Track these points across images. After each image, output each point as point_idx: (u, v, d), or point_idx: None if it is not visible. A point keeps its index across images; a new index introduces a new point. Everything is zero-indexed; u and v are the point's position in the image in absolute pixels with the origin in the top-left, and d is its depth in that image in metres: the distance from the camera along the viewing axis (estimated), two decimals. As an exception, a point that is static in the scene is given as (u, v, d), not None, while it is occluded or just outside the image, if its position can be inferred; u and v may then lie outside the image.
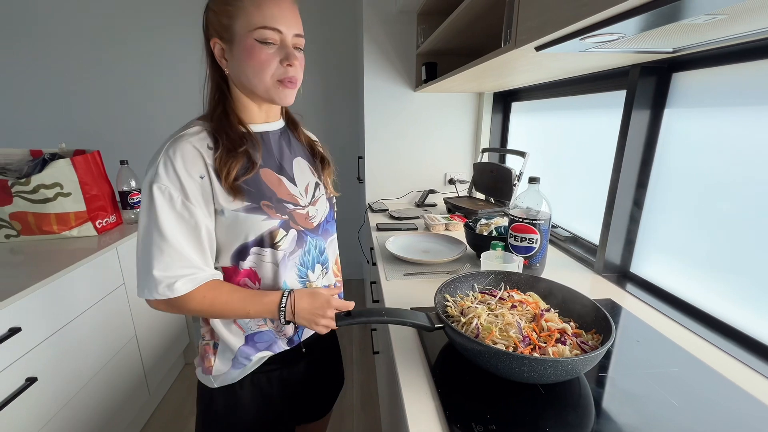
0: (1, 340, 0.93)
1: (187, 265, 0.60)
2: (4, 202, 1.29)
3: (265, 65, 0.62)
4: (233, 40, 0.62)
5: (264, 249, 0.66)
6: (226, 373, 0.70)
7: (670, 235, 0.92)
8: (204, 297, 0.62)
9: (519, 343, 0.62)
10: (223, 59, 0.65)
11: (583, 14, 0.52)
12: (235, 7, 0.60)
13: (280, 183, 0.70)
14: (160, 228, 0.58)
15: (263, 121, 0.72)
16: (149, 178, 0.59)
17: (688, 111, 0.86)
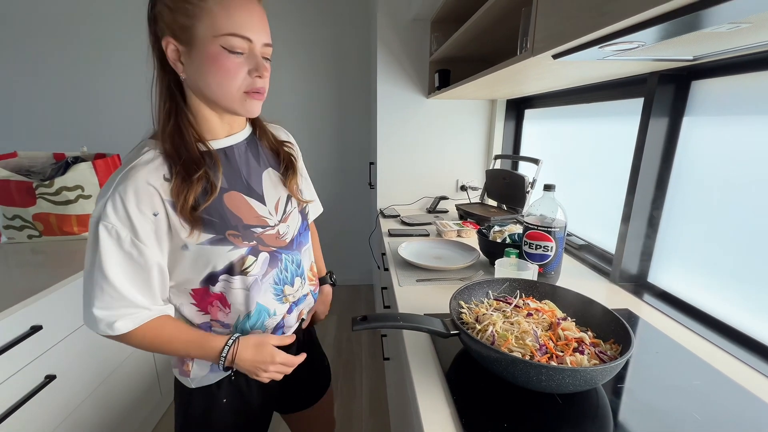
0: (23, 337, 0.95)
1: (129, 305, 0.58)
2: (28, 203, 1.33)
3: (231, 75, 0.57)
4: (193, 43, 0.56)
5: (233, 276, 0.64)
6: (202, 377, 0.70)
7: (691, 244, 0.90)
8: (144, 336, 0.61)
9: (535, 351, 0.61)
10: (178, 62, 0.58)
11: (603, 23, 0.52)
12: (198, 6, 0.54)
13: (248, 207, 0.65)
14: (102, 268, 0.55)
15: (227, 134, 0.66)
16: (96, 214, 0.56)
17: (709, 119, 0.85)
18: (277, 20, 2.47)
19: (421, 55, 1.83)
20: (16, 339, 0.94)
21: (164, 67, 0.60)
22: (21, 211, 1.33)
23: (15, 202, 1.32)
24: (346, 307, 2.64)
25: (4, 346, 0.90)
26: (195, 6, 0.54)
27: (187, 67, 0.58)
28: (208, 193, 0.60)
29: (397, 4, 1.76)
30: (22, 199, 1.32)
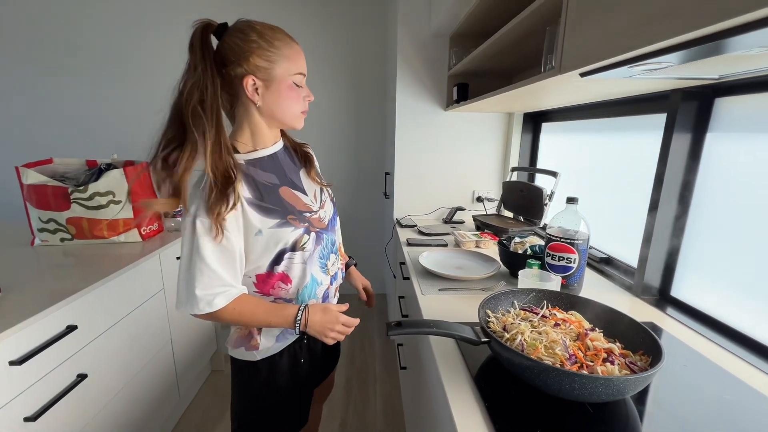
0: (59, 336, 0.99)
1: (223, 284, 0.72)
2: (63, 207, 1.38)
3: (296, 101, 0.78)
4: (271, 80, 0.74)
5: (294, 252, 0.79)
6: (269, 348, 0.84)
7: (715, 259, 0.90)
8: (234, 310, 0.74)
9: (565, 360, 0.62)
10: (255, 94, 0.74)
11: (634, 46, 0.55)
12: (275, 54, 0.73)
13: (296, 197, 0.82)
14: (201, 255, 0.69)
15: (273, 143, 0.83)
16: (192, 213, 0.69)
17: (733, 135, 0.86)
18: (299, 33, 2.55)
19: (439, 68, 1.88)
20: (53, 338, 0.97)
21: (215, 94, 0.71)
22: (56, 214, 1.39)
23: (51, 206, 1.38)
24: (358, 316, 2.63)
25: (42, 344, 0.94)
26: (273, 53, 0.73)
27: (263, 97, 0.75)
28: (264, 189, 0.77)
29: (417, 21, 1.82)
30: (58, 204, 1.38)
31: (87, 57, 2.56)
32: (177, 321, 1.60)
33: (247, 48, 0.71)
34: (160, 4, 2.49)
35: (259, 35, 0.72)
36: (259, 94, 0.74)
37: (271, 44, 0.73)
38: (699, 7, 0.44)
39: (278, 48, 0.73)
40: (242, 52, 0.71)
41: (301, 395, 0.92)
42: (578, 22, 0.69)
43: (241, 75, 0.72)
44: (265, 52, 0.72)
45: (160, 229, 1.65)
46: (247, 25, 0.74)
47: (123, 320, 1.26)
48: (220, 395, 1.86)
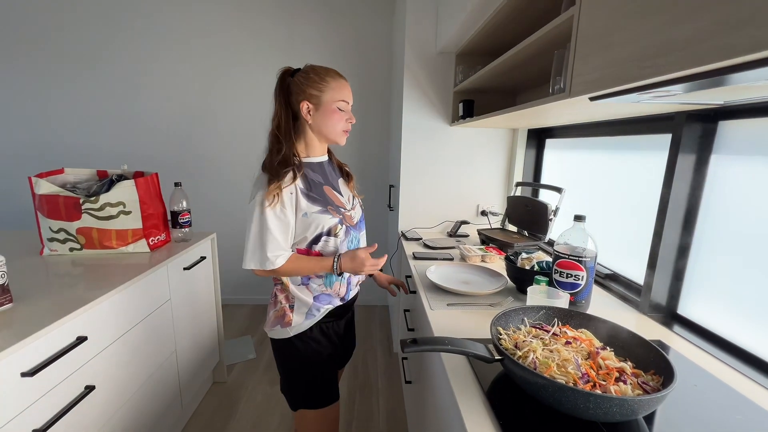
0: (69, 348, 0.99)
1: (283, 249, 0.98)
2: (74, 217, 1.40)
3: (339, 122, 1.02)
4: (320, 104, 0.99)
5: (329, 237, 1.02)
6: (300, 324, 1.04)
7: (722, 277, 0.92)
8: (290, 266, 0.99)
9: (578, 379, 0.63)
10: (308, 115, 1.00)
11: (644, 76, 0.57)
12: (325, 86, 0.98)
13: (335, 195, 1.06)
14: (269, 227, 0.95)
15: (321, 155, 1.08)
16: (259, 198, 0.94)
17: (737, 158, 0.88)
18: (307, 48, 2.60)
19: (445, 85, 1.91)
20: (64, 349, 0.98)
21: (294, 119, 1.02)
22: (66, 224, 1.40)
23: (62, 216, 1.39)
24: (361, 328, 2.64)
25: (53, 355, 0.94)
26: (323, 85, 0.98)
27: (314, 117, 1.00)
28: (312, 184, 1.02)
29: (424, 39, 1.86)
30: (69, 214, 1.39)
31: (99, 69, 2.60)
32: (182, 332, 1.60)
33: (306, 82, 0.98)
34: (174, 17, 2.55)
35: (315, 73, 0.99)
36: (311, 115, 0.99)
37: (323, 79, 0.98)
38: (703, 45, 0.46)
39: (327, 82, 0.98)
40: (302, 86, 0.98)
41: (331, 369, 1.11)
42: (588, 49, 0.72)
43: (299, 101, 0.98)
44: (317, 84, 0.98)
45: (168, 239, 1.66)
46: (310, 67, 1.01)
47: (130, 331, 1.26)
48: (221, 407, 1.84)
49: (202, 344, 1.80)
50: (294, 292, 1.04)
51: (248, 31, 2.58)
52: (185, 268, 1.62)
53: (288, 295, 1.06)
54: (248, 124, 2.69)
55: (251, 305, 2.93)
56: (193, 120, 2.69)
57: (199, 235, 1.81)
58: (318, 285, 1.05)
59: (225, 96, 2.66)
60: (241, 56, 2.61)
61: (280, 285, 1.07)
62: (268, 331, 1.09)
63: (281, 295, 1.07)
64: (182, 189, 1.69)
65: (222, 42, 2.58)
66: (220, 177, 2.77)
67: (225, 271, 2.80)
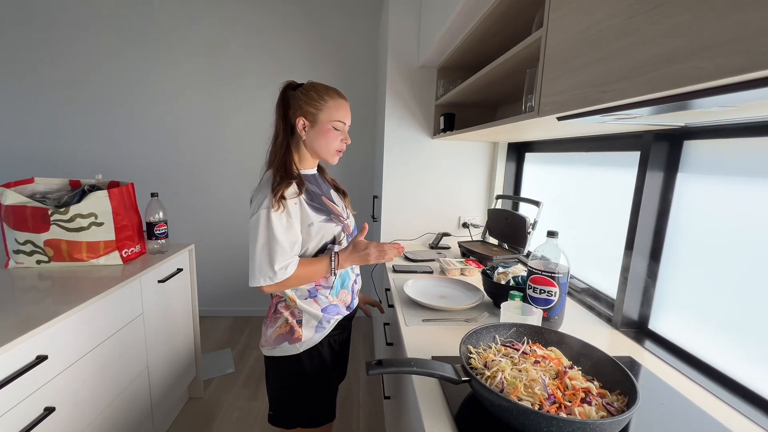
0: (27, 368, 0.95)
1: (289, 257, 0.95)
2: (42, 229, 1.35)
3: (333, 141, 1.02)
4: (316, 122, 1.00)
5: (333, 246, 1.04)
6: (311, 338, 1.02)
7: (689, 293, 0.93)
8: (297, 274, 0.96)
9: (544, 400, 0.63)
10: (303, 131, 1.01)
11: (605, 99, 0.58)
12: (322, 104, 0.99)
13: (334, 205, 1.08)
14: (276, 237, 0.92)
15: (311, 167, 1.09)
16: (266, 205, 0.92)
17: (701, 177, 0.90)
18: (290, 60, 2.61)
19: (427, 98, 1.93)
20: (21, 369, 0.93)
21: (292, 132, 1.03)
22: (33, 236, 1.36)
23: (29, 227, 1.35)
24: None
25: (9, 376, 0.90)
26: (321, 103, 0.99)
27: (308, 134, 1.01)
28: (312, 194, 1.02)
29: (406, 53, 1.88)
30: (36, 225, 1.34)
31: (74, 75, 2.55)
32: (155, 347, 1.55)
33: (305, 98, 0.99)
34: (152, 28, 2.53)
35: (315, 91, 1.00)
36: (306, 131, 1.01)
37: (321, 97, 0.99)
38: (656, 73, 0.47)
39: (326, 101, 0.99)
40: (300, 101, 0.99)
41: (334, 385, 1.12)
42: (554, 71, 0.73)
43: (296, 116, 1.00)
44: (315, 102, 0.99)
45: (143, 251, 1.62)
46: (311, 84, 1.02)
47: (97, 348, 1.21)
48: (196, 424, 1.78)
49: (177, 359, 1.74)
50: (302, 306, 1.02)
51: (231, 43, 2.57)
52: (160, 280, 1.57)
53: (294, 311, 1.03)
54: (229, 135, 2.67)
55: (232, 317, 2.87)
56: (173, 130, 2.65)
57: (177, 247, 1.77)
58: (325, 296, 1.04)
59: (205, 106, 2.63)
60: (223, 67, 2.59)
61: (284, 302, 1.03)
62: (268, 350, 1.04)
63: (285, 312, 1.03)
64: (159, 200, 1.65)
65: (203, 53, 2.57)
66: (200, 187, 2.73)
67: (205, 283, 2.75)
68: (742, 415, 0.71)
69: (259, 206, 0.93)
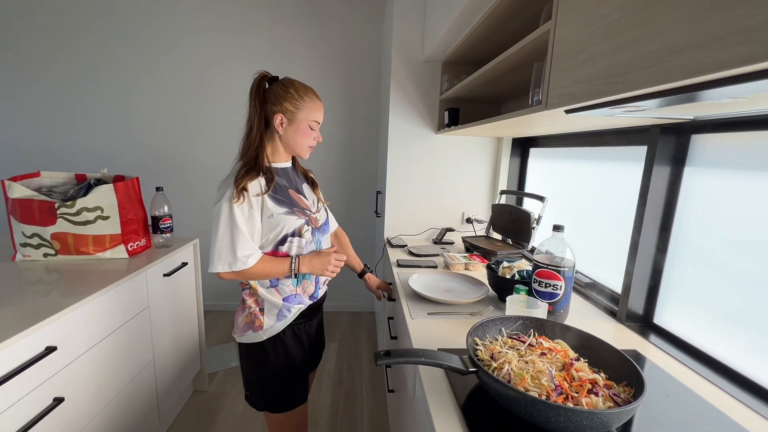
0: (37, 359, 0.96)
1: (253, 249, 0.98)
2: (48, 222, 1.36)
3: (307, 138, 1.07)
4: (294, 120, 1.03)
5: (294, 238, 1.04)
6: (272, 326, 1.05)
7: (695, 287, 0.93)
8: (258, 267, 0.99)
9: (551, 391, 0.63)
10: (280, 127, 1.03)
11: (614, 91, 0.58)
12: (302, 104, 1.03)
13: (300, 198, 1.09)
14: (238, 226, 0.95)
15: (285, 161, 1.11)
16: (227, 196, 0.95)
17: (709, 171, 0.90)
18: (293, 53, 2.60)
19: (431, 93, 1.93)
20: (31, 360, 0.94)
21: (266, 125, 1.05)
22: (40, 229, 1.36)
23: (36, 220, 1.35)
24: (347, 335, 2.62)
25: (19, 366, 0.91)
26: (301, 102, 1.03)
27: (285, 130, 1.04)
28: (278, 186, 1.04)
29: (411, 46, 1.88)
30: (43, 218, 1.35)
31: (79, 69, 2.56)
32: (161, 340, 1.56)
33: (285, 95, 1.01)
34: (159, 21, 2.52)
35: (294, 89, 1.02)
36: (283, 127, 1.03)
37: (302, 97, 1.02)
38: (667, 64, 0.47)
39: (305, 101, 1.03)
40: (280, 97, 1.01)
41: (301, 372, 1.13)
42: (563, 63, 0.73)
43: (274, 112, 1.02)
44: (295, 101, 1.02)
45: (148, 245, 1.63)
46: (289, 81, 1.04)
47: (104, 341, 1.22)
48: (201, 417, 1.80)
49: (182, 352, 1.76)
50: (263, 294, 1.04)
51: (235, 37, 2.56)
52: (165, 274, 1.58)
53: (257, 299, 1.06)
54: (233, 130, 2.66)
55: (234, 311, 2.88)
56: (177, 125, 2.65)
57: (181, 241, 1.78)
58: (287, 286, 1.06)
59: (210, 101, 2.63)
60: (227, 62, 2.59)
61: (248, 289, 1.07)
62: (237, 337, 1.08)
63: (250, 299, 1.06)
64: (164, 194, 1.66)
65: (207, 46, 2.57)
66: (204, 182, 2.73)
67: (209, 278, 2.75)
68: (747, 407, 0.71)
69: (221, 196, 0.96)
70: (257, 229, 0.99)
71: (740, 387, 0.78)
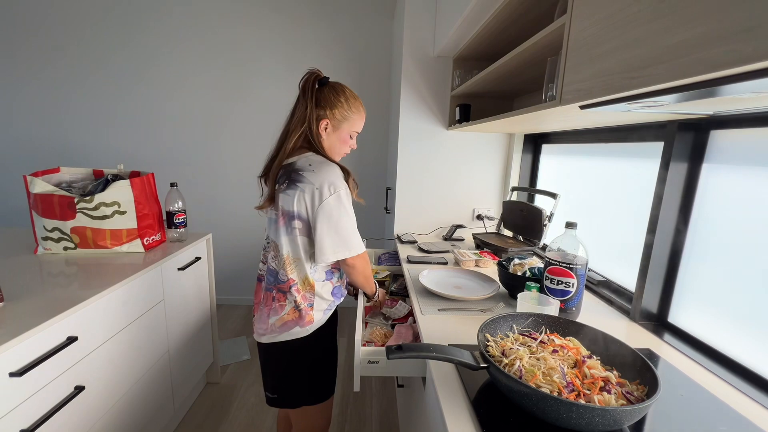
0: (59, 348, 0.99)
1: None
2: (68, 216, 1.40)
3: (344, 146, 1.10)
4: (338, 128, 1.05)
5: None
6: (321, 320, 1.07)
7: (712, 285, 0.92)
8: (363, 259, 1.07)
9: (563, 388, 0.63)
10: (323, 131, 1.04)
11: (632, 86, 0.57)
12: (350, 115, 1.05)
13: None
14: (351, 215, 1.02)
15: None
16: (334, 187, 0.98)
17: (727, 168, 0.88)
18: (303, 49, 2.61)
19: (442, 89, 1.92)
20: (54, 349, 0.98)
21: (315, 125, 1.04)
22: (60, 224, 1.40)
23: (56, 215, 1.39)
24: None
25: (43, 355, 0.94)
26: (349, 114, 1.05)
27: (328, 136, 1.06)
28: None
29: (422, 42, 1.87)
30: (63, 213, 1.39)
31: (99, 68, 2.61)
32: (175, 333, 1.60)
33: (336, 102, 1.02)
34: (175, 17, 2.55)
35: (345, 98, 1.04)
36: (326, 132, 1.05)
37: (350, 108, 1.04)
38: (687, 58, 0.46)
39: (353, 112, 1.05)
40: (331, 103, 1.02)
41: (336, 361, 1.18)
42: (578, 58, 0.72)
43: (322, 116, 1.03)
44: (344, 111, 1.04)
45: (163, 239, 1.66)
46: (341, 87, 1.05)
47: (122, 332, 1.26)
48: (214, 408, 1.84)
49: (195, 345, 1.80)
50: (318, 290, 1.05)
51: (250, 33, 2.58)
52: (179, 268, 1.62)
53: (305, 294, 1.03)
54: (248, 126, 2.69)
55: (247, 306, 2.93)
56: (192, 121, 2.69)
57: (195, 236, 1.81)
58: (336, 279, 1.10)
59: (224, 97, 2.66)
60: (242, 58, 2.61)
61: (296, 285, 1.03)
62: (274, 337, 1.05)
63: (297, 295, 1.02)
64: (178, 189, 1.69)
65: (222, 43, 2.59)
66: (218, 178, 2.77)
67: (220, 272, 2.80)
68: (765, 408, 0.70)
69: (331, 191, 0.98)
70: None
71: (758, 388, 0.76)
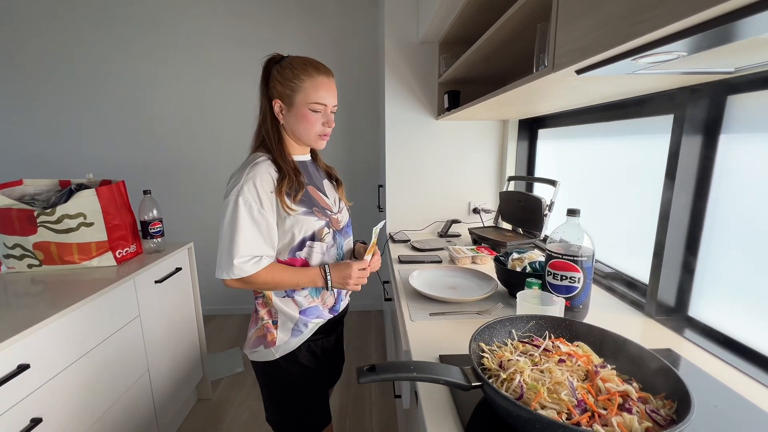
0: (7, 378, 0.89)
1: (253, 253, 0.84)
2: (29, 232, 1.30)
3: (311, 126, 0.90)
4: (292, 105, 0.88)
5: (314, 242, 0.91)
6: (286, 342, 0.92)
7: (739, 273, 0.80)
8: (266, 274, 0.86)
9: (573, 408, 0.52)
10: (280, 114, 0.91)
11: (638, 33, 0.46)
12: (298, 84, 0.86)
13: (320, 196, 0.96)
14: (239, 228, 0.82)
15: (301, 153, 0.98)
16: (235, 192, 0.82)
17: (750, 136, 0.77)
18: (284, 40, 2.50)
19: (429, 76, 1.81)
20: (2, 378, 0.87)
21: (272, 114, 0.91)
22: (21, 239, 1.30)
23: (16, 230, 1.29)
24: (356, 335, 2.53)
25: (-14, 388, 0.84)
26: (296, 84, 0.87)
27: (286, 118, 0.91)
28: (300, 185, 0.89)
29: (404, 28, 1.76)
30: (23, 228, 1.29)
31: (65, 74, 2.51)
32: (156, 350, 1.49)
33: (280, 78, 0.88)
34: (146, 22, 2.45)
35: (290, 68, 0.87)
36: (283, 115, 0.91)
37: (297, 76, 0.86)
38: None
39: (302, 80, 0.86)
40: (276, 81, 0.88)
41: (321, 392, 1.01)
42: (573, 11, 0.61)
43: (272, 98, 0.90)
44: (290, 82, 0.87)
45: (139, 251, 1.56)
46: (288, 60, 0.89)
47: (89, 354, 1.15)
48: (205, 426, 1.73)
49: (181, 361, 1.69)
50: (277, 305, 0.91)
51: (223, 33, 2.48)
52: (157, 281, 1.51)
53: (270, 310, 0.93)
54: (226, 128, 2.58)
55: (241, 315, 2.83)
56: (166, 126, 2.58)
57: (174, 245, 1.70)
58: (304, 297, 0.93)
59: (201, 100, 2.56)
60: (219, 59, 2.51)
61: (261, 298, 0.94)
62: (248, 353, 0.96)
63: (263, 310, 0.94)
64: (152, 197, 1.59)
65: (198, 46, 2.49)
66: (199, 184, 2.67)
67: (211, 282, 2.69)
68: (817, 418, 0.58)
69: (230, 190, 0.84)
70: (270, 232, 0.86)
71: (803, 391, 0.65)
